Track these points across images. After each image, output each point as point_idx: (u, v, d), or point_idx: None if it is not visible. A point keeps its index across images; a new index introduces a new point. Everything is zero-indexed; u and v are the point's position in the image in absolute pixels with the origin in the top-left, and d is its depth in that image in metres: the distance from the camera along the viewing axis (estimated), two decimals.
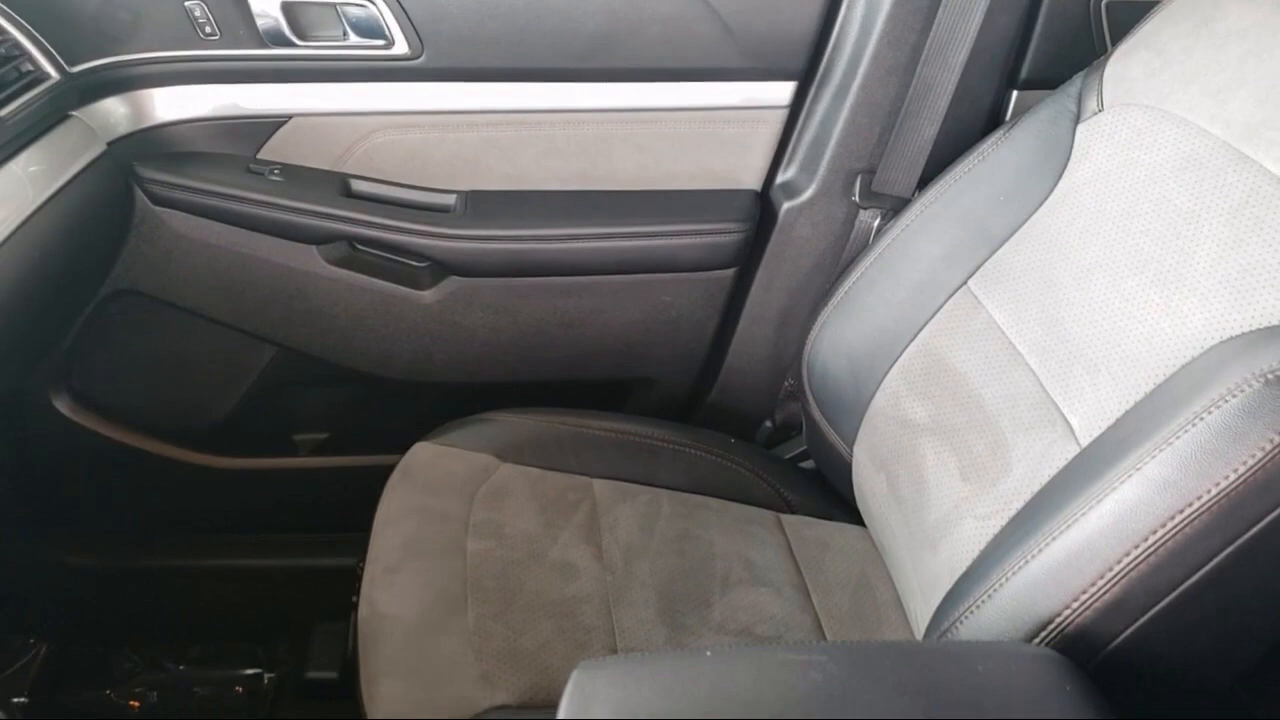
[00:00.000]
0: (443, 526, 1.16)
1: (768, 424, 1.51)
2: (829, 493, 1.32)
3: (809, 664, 0.72)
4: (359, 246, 1.35)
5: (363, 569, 1.15)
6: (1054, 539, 0.83)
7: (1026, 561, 0.84)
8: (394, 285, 1.37)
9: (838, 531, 1.27)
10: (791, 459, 1.48)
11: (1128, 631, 0.80)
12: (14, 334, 1.19)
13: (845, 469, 1.24)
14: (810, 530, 1.27)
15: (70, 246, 1.20)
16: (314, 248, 1.33)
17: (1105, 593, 0.79)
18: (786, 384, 1.47)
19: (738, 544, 1.22)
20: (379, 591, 1.09)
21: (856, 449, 1.21)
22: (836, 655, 0.74)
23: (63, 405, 1.40)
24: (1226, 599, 0.81)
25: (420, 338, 1.40)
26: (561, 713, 0.71)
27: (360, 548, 1.18)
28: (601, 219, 1.36)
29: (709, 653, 0.75)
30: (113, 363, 1.40)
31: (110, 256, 1.32)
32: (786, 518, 1.29)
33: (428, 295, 1.37)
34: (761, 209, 1.40)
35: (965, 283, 1.14)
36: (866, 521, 1.24)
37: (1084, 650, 0.81)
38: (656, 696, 0.71)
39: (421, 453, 1.27)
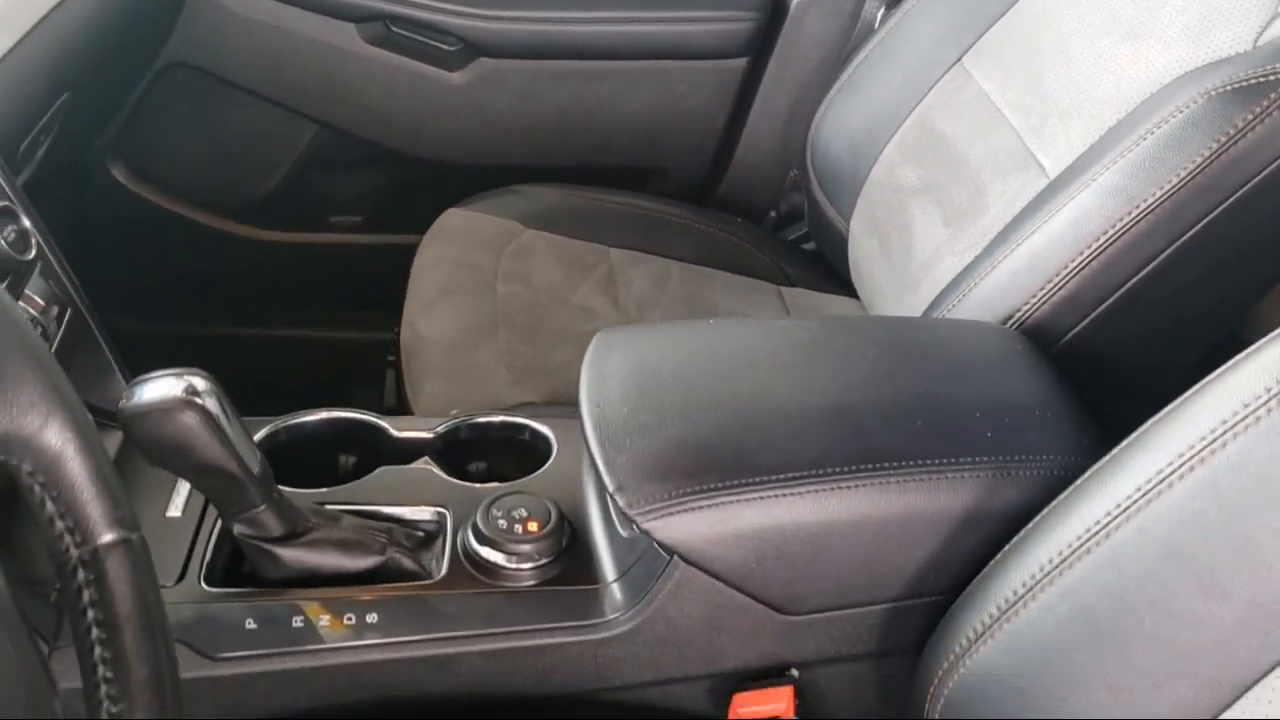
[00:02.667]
0: (474, 273, 1.28)
1: (772, 214, 1.61)
2: (827, 270, 1.43)
3: (798, 327, 0.84)
4: (394, 28, 1.44)
5: (399, 334, 1.26)
6: (1018, 246, 0.94)
7: (993, 268, 0.95)
8: (426, 66, 1.46)
9: (833, 301, 1.39)
10: (793, 241, 1.59)
11: (1080, 326, 0.92)
12: (78, 95, 1.28)
13: (842, 243, 1.35)
14: (807, 300, 1.38)
15: (127, 11, 1.29)
16: (352, 26, 1.42)
17: (1060, 289, 0.91)
18: (791, 174, 1.57)
19: (740, 306, 1.33)
20: (418, 319, 1.22)
21: (853, 222, 1.31)
22: (822, 321, 0.86)
23: (119, 173, 1.50)
24: (1164, 301, 0.92)
25: (449, 118, 1.50)
26: (585, 365, 0.83)
27: (394, 322, 1.28)
28: (621, 3, 1.45)
29: (711, 321, 0.87)
30: (166, 134, 1.50)
31: (165, 28, 1.40)
32: (786, 289, 1.40)
33: (457, 77, 1.46)
34: (775, 3, 1.48)
35: (959, 59, 1.23)
36: (859, 292, 1.34)
37: (1040, 341, 0.92)
38: (666, 347, 0.83)
39: (452, 218, 1.38)
